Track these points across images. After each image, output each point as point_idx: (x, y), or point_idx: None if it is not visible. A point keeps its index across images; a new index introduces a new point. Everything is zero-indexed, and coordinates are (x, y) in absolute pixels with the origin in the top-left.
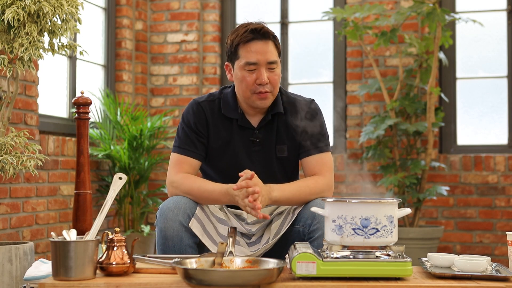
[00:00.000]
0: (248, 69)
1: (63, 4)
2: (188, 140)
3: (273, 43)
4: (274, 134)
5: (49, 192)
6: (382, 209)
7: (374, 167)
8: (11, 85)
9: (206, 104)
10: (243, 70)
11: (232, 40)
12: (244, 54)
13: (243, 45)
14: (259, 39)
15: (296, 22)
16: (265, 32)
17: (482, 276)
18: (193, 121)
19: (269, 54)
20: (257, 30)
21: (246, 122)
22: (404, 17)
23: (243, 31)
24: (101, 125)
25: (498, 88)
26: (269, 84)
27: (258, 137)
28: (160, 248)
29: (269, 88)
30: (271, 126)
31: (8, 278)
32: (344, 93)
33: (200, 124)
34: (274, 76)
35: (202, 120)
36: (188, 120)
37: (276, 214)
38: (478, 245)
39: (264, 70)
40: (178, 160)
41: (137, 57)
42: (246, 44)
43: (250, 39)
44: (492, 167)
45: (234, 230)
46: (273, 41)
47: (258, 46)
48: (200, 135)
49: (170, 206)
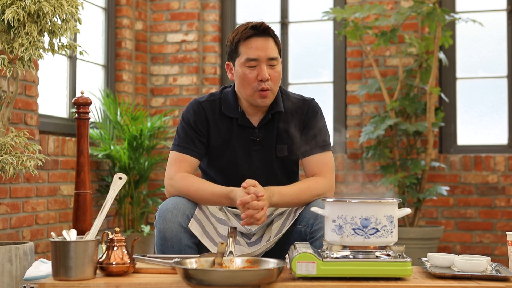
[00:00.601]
0: (249, 66)
1: (63, 4)
2: (188, 139)
3: (273, 40)
4: (275, 133)
5: (49, 192)
6: (382, 209)
7: (374, 167)
8: (11, 85)
9: (207, 104)
10: (244, 67)
11: (232, 38)
12: (245, 51)
13: (243, 41)
14: (259, 35)
15: (296, 22)
16: (265, 29)
17: (482, 276)
18: (193, 120)
19: (270, 50)
20: (257, 26)
21: (247, 121)
22: (404, 17)
23: (243, 29)
24: (101, 125)
25: (498, 88)
26: (270, 80)
27: (258, 136)
28: (159, 249)
29: (270, 85)
30: (271, 125)
31: (8, 278)
32: (344, 93)
33: (200, 123)
34: (275, 73)
35: (203, 119)
36: (188, 118)
37: (277, 215)
38: (478, 245)
39: (265, 66)
40: (177, 159)
41: (137, 57)
42: (246, 40)
43: (250, 35)
44: (492, 167)
45: (234, 230)
46: (273, 38)
47: (258, 42)
48: (199, 134)
49: (169, 207)
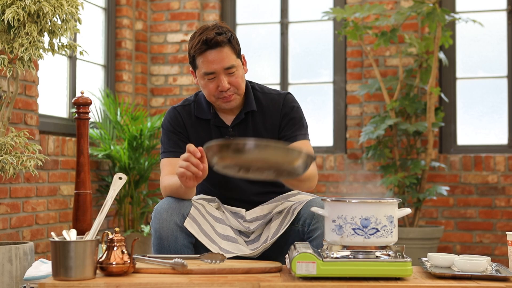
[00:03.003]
0: (208, 78)
1: (63, 4)
2: (171, 143)
3: (228, 47)
4: (250, 131)
5: (49, 192)
6: (382, 209)
7: (374, 167)
8: (11, 85)
9: (181, 109)
10: (203, 79)
11: (189, 50)
12: (201, 65)
13: (198, 56)
14: (213, 48)
15: (296, 22)
16: (216, 42)
17: (482, 276)
18: (172, 124)
19: (225, 61)
20: (208, 40)
21: (220, 121)
22: (404, 17)
23: (196, 42)
24: (101, 125)
25: (498, 88)
26: (232, 87)
27: (233, 134)
28: (155, 248)
29: (233, 91)
30: (245, 124)
31: (8, 278)
32: (344, 93)
33: (179, 126)
34: (236, 78)
35: (180, 123)
36: (167, 125)
37: (275, 213)
38: (478, 245)
39: (223, 76)
40: (165, 164)
41: (137, 57)
42: (201, 55)
43: (203, 50)
44: (492, 167)
45: None
46: (229, 45)
47: (212, 55)
48: (181, 137)
49: (164, 206)
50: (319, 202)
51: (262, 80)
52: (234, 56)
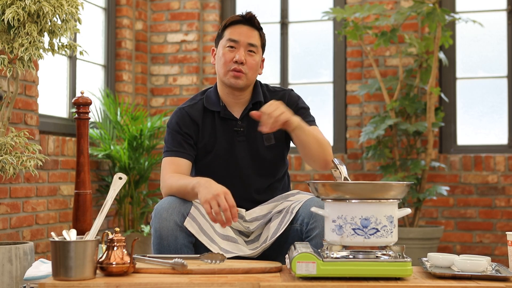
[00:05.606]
0: (229, 46)
1: (63, 4)
2: (175, 142)
3: (258, 32)
4: (258, 123)
5: (49, 192)
6: (382, 209)
7: (374, 167)
8: (11, 85)
9: (189, 108)
10: (224, 48)
11: (221, 25)
12: (228, 33)
13: (229, 26)
14: (245, 23)
15: (296, 22)
16: (252, 18)
17: (482, 276)
18: (178, 124)
19: (252, 37)
20: (245, 16)
21: (229, 113)
22: (404, 17)
23: (232, 16)
24: (101, 125)
25: (498, 88)
26: (246, 66)
27: (242, 127)
28: (155, 248)
29: (244, 69)
30: None
31: (8, 278)
32: (344, 93)
33: (185, 126)
34: (252, 60)
35: (187, 122)
36: (173, 124)
37: (275, 213)
38: (478, 245)
39: (243, 51)
40: (167, 162)
41: (137, 57)
42: (232, 25)
43: (237, 21)
44: (492, 167)
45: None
46: (259, 31)
47: (243, 28)
48: (186, 137)
49: (164, 206)
50: (318, 201)
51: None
52: (260, 44)
